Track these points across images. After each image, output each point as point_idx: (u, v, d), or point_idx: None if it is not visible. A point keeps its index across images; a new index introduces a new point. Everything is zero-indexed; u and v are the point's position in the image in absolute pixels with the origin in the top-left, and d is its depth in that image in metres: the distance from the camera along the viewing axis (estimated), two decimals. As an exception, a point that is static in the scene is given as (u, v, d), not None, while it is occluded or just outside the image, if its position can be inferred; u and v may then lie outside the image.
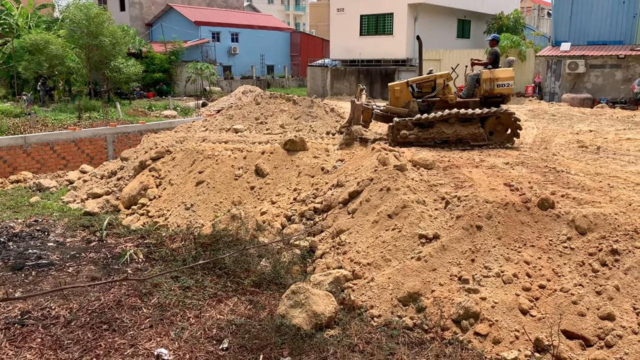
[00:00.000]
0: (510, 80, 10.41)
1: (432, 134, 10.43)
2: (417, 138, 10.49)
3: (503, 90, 10.43)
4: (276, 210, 8.55)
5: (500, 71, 10.50)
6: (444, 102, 10.70)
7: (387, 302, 5.82)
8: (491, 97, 10.51)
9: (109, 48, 26.51)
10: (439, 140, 10.50)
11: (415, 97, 11.02)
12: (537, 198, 6.59)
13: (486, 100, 10.56)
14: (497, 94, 10.48)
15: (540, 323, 5.29)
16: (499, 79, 10.39)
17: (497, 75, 10.41)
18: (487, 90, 10.46)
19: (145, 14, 44.19)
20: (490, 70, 10.50)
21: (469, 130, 10.31)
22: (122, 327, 5.50)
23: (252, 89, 26.98)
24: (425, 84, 11.07)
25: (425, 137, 10.46)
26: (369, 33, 31.04)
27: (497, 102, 10.55)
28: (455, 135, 10.35)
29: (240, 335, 5.29)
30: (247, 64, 44.30)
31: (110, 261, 7.48)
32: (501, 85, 10.39)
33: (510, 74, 10.48)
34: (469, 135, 10.32)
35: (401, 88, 11.14)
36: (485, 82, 10.47)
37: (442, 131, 10.36)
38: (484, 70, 10.61)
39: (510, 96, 10.67)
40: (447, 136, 10.39)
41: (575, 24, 24.60)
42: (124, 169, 11.60)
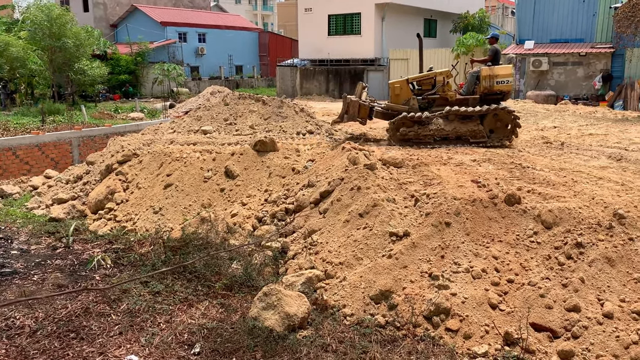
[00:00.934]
0: (509, 77, 10.46)
1: (432, 131, 10.45)
2: (417, 135, 10.52)
3: (502, 87, 10.49)
4: (247, 211, 8.49)
5: (499, 68, 10.58)
6: (444, 100, 10.75)
7: (360, 300, 5.84)
8: (491, 94, 10.56)
9: (72, 50, 25.93)
10: (438, 137, 10.51)
11: (415, 94, 11.04)
12: (503, 194, 6.71)
13: (486, 98, 10.61)
14: (496, 91, 10.54)
15: (510, 317, 5.39)
16: (498, 76, 10.46)
17: (497, 72, 10.49)
18: (486, 87, 10.51)
19: (110, 14, 43.40)
20: (490, 68, 10.57)
21: (468, 128, 10.34)
22: (91, 335, 5.38)
23: (221, 90, 26.75)
24: (425, 82, 11.11)
25: (425, 134, 10.48)
26: (337, 33, 31.15)
27: (496, 99, 10.62)
28: (455, 133, 10.38)
29: (212, 339, 5.23)
30: (215, 65, 43.93)
31: (77, 268, 7.31)
32: (500, 82, 10.45)
33: (509, 70, 10.57)
34: (468, 132, 10.36)
35: (401, 85, 11.18)
36: (484, 79, 10.53)
37: (442, 128, 10.38)
38: (483, 68, 10.68)
39: (510, 93, 10.76)
40: (446, 133, 10.41)
41: (538, 22, 25.17)
42: (90, 173, 11.36)
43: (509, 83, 10.50)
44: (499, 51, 11.08)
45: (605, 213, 6.19)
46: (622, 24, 17.91)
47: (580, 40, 24.34)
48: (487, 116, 10.42)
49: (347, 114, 11.29)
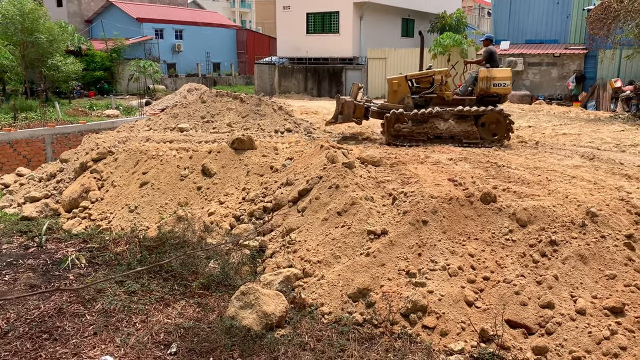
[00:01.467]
0: (507, 80, 10.44)
1: (426, 128, 10.49)
2: (411, 132, 10.56)
3: (499, 90, 10.49)
4: (224, 210, 8.43)
5: (497, 70, 10.58)
6: (441, 99, 10.78)
7: (337, 298, 5.85)
8: (487, 96, 10.57)
9: (45, 45, 25.39)
10: (432, 135, 10.54)
11: (413, 92, 11.07)
12: (479, 192, 6.79)
13: (482, 99, 10.62)
14: (493, 93, 10.54)
15: (485, 314, 5.46)
16: (495, 78, 10.46)
17: (495, 74, 10.49)
18: (483, 88, 10.53)
19: (85, 10, 42.66)
20: (488, 69, 10.58)
21: (462, 128, 10.36)
22: (64, 335, 5.28)
23: (198, 87, 26.51)
24: (423, 80, 11.14)
25: (419, 132, 10.53)
26: (316, 31, 31.14)
27: (493, 101, 10.62)
28: (449, 132, 10.41)
29: (188, 339, 5.18)
30: (192, 62, 43.52)
31: (50, 267, 7.17)
32: (498, 85, 10.45)
33: (508, 73, 10.55)
34: (462, 132, 10.38)
35: (399, 82, 11.19)
36: (482, 80, 10.54)
37: (436, 126, 10.42)
38: (481, 69, 10.70)
39: (507, 96, 10.74)
40: (440, 132, 10.45)
41: (513, 23, 25.53)
42: (64, 171, 11.16)
43: (506, 86, 10.49)
44: (494, 52, 11.09)
45: (578, 211, 6.31)
46: (595, 26, 18.27)
47: (555, 41, 24.77)
48: (482, 117, 10.45)
49: (342, 114, 11.31)
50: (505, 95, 10.72)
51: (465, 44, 26.50)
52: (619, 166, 8.91)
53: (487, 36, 11.73)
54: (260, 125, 13.23)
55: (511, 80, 10.59)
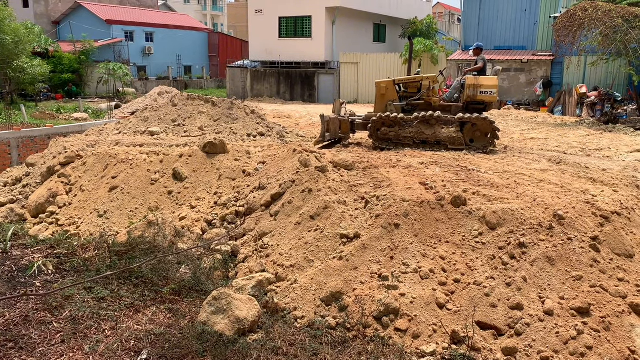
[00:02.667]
0: (493, 88, 10.54)
1: (412, 133, 10.56)
2: (397, 136, 10.64)
3: (485, 98, 10.58)
4: (196, 215, 8.35)
5: (484, 78, 10.67)
6: (428, 105, 10.85)
7: (311, 302, 5.85)
8: (474, 103, 10.67)
9: (10, 47, 24.81)
10: (418, 140, 10.61)
11: (401, 96, 11.15)
12: (450, 196, 6.88)
13: (468, 106, 10.72)
14: (479, 101, 10.64)
15: (456, 316, 5.52)
16: (482, 86, 10.55)
17: (481, 82, 10.59)
18: (469, 96, 10.61)
19: (52, 11, 41.81)
20: (475, 77, 10.69)
21: (448, 133, 10.44)
22: (30, 344, 5.14)
23: (169, 90, 26.22)
24: (411, 84, 11.23)
25: (405, 136, 10.59)
26: (288, 35, 31.15)
27: (479, 108, 10.72)
28: (434, 137, 10.48)
29: (159, 345, 5.11)
30: (163, 65, 43.04)
31: (16, 274, 6.98)
32: (484, 93, 10.53)
33: (495, 82, 10.64)
34: (447, 138, 10.46)
35: (387, 86, 11.26)
36: (469, 88, 10.63)
37: (422, 132, 10.50)
38: (468, 77, 10.80)
39: (493, 104, 10.83)
40: (426, 137, 10.52)
41: (483, 29, 26.00)
42: (30, 176, 10.89)
43: (492, 94, 10.60)
44: (486, 61, 11.23)
45: (546, 214, 6.45)
46: (561, 33, 18.74)
47: (523, 47, 25.32)
48: (467, 124, 10.57)
49: (329, 132, 11.38)
50: (491, 102, 10.87)
51: (435, 50, 26.87)
52: (584, 170, 9.14)
53: (477, 45, 11.84)
54: (232, 129, 13.16)
55: (497, 88, 10.73)
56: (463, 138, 10.53)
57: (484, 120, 10.45)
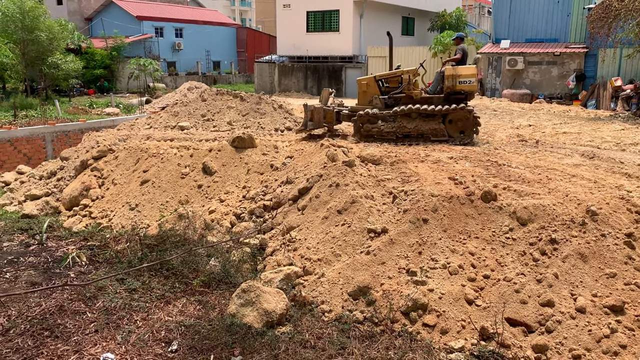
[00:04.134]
0: (472, 78, 10.52)
1: (395, 128, 10.60)
2: (380, 132, 10.68)
3: (465, 87, 10.55)
4: (225, 208, 8.44)
5: (462, 68, 10.64)
6: (409, 98, 10.86)
7: (338, 296, 5.86)
8: (454, 93, 10.64)
9: (45, 43, 25.38)
10: (400, 134, 10.65)
11: (383, 91, 11.18)
12: (480, 191, 6.80)
13: (449, 97, 10.69)
14: (459, 91, 10.61)
15: (485, 312, 5.47)
16: (461, 76, 10.52)
17: (460, 72, 10.56)
18: (449, 86, 10.59)
19: (85, 8, 42.63)
20: (454, 67, 10.64)
21: (429, 126, 10.47)
22: (66, 333, 5.29)
23: (198, 85, 26.50)
24: (392, 79, 11.24)
25: (388, 131, 10.63)
26: (316, 29, 31.12)
27: (460, 99, 10.68)
28: (416, 130, 10.52)
29: (189, 337, 5.20)
30: (192, 60, 43.50)
31: (51, 265, 7.18)
32: (463, 82, 10.50)
33: (473, 71, 10.61)
34: (429, 130, 10.48)
35: (368, 82, 11.33)
36: (447, 78, 10.60)
37: (404, 126, 10.55)
38: (447, 67, 10.77)
39: (473, 93, 10.79)
40: (408, 130, 10.56)
41: (514, 22, 25.51)
42: (64, 169, 11.16)
43: (472, 83, 10.56)
44: (466, 51, 11.21)
45: (578, 210, 6.32)
46: (596, 25, 18.27)
47: (555, 40, 24.77)
48: (449, 115, 10.54)
49: (312, 121, 11.44)
50: (472, 92, 10.82)
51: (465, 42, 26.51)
52: (619, 165, 8.92)
53: (458, 35, 11.81)
54: (260, 124, 13.24)
55: (477, 77, 10.63)
56: (445, 130, 10.52)
57: (462, 110, 10.39)
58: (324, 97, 12.08)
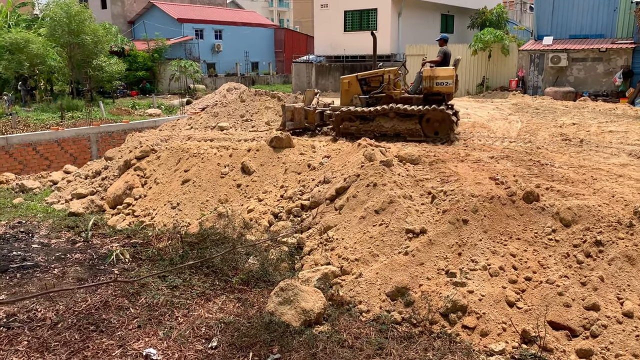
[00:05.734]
0: (449, 79, 10.46)
1: (372, 127, 10.83)
2: (358, 130, 10.90)
3: (442, 89, 10.54)
4: (263, 207, 8.53)
5: (440, 69, 10.61)
6: (389, 98, 10.98)
7: (376, 297, 5.85)
8: (431, 94, 10.67)
9: (90, 46, 26.15)
10: (378, 133, 10.84)
11: (365, 91, 11.35)
12: (522, 191, 6.66)
13: (428, 98, 10.72)
14: (436, 92, 10.63)
15: (527, 315, 5.36)
16: (438, 77, 10.52)
17: (437, 73, 10.55)
18: (426, 87, 10.63)
19: (127, 11, 43.74)
20: (432, 69, 10.66)
21: (406, 126, 10.60)
22: (110, 328, 5.46)
23: (237, 86, 26.84)
24: (373, 79, 11.37)
25: (365, 130, 10.85)
26: (353, 29, 31.05)
27: (438, 100, 10.68)
28: (393, 130, 10.69)
29: (229, 334, 5.28)
30: (231, 61, 44.06)
31: (96, 262, 7.41)
32: (440, 84, 10.49)
33: (450, 72, 10.54)
34: (405, 130, 10.61)
35: (350, 81, 11.53)
36: (425, 79, 10.64)
37: (381, 125, 10.78)
38: (425, 68, 10.80)
39: (451, 95, 10.78)
40: (385, 130, 10.76)
41: (557, 18, 24.83)
42: (108, 169, 11.50)
43: (448, 85, 10.48)
44: (448, 53, 11.16)
45: (625, 211, 6.11)
46: (644, 20, 17.58)
47: (601, 35, 23.97)
48: (425, 116, 10.57)
49: (292, 121, 11.72)
50: (449, 94, 10.74)
51: (506, 40, 25.94)
52: (669, 165, 8.57)
53: (442, 36, 11.72)
54: (297, 124, 13.29)
55: (454, 79, 10.57)
56: (421, 130, 10.56)
57: (437, 111, 10.34)
58: (307, 98, 12.36)
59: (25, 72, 25.53)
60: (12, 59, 24.43)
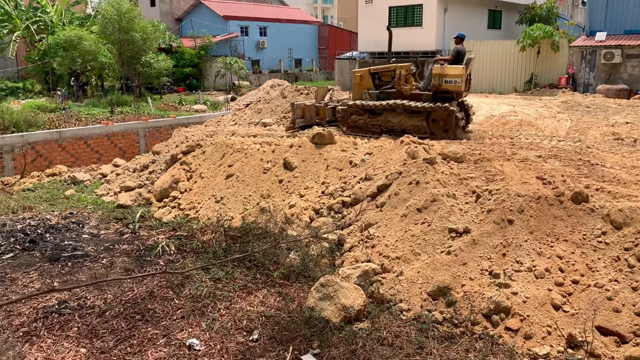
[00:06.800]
0: (458, 78, 10.33)
1: (379, 121, 10.98)
2: (366, 124, 11.09)
3: (450, 87, 10.44)
4: (304, 203, 8.58)
5: (449, 68, 10.49)
6: (399, 93, 11.00)
7: (417, 296, 5.80)
8: (440, 92, 10.56)
9: (140, 43, 26.84)
10: (385, 128, 10.95)
11: (376, 85, 11.43)
12: (570, 192, 6.46)
13: (437, 95, 10.62)
14: (444, 90, 10.51)
15: (574, 319, 5.20)
16: (447, 75, 10.41)
17: (446, 71, 10.44)
18: (435, 85, 10.54)
19: (175, 9, 44.67)
20: (442, 66, 10.56)
21: (412, 122, 10.66)
22: (155, 317, 5.61)
23: (280, 83, 27.03)
24: (386, 74, 11.40)
25: (373, 124, 11.04)
26: (398, 25, 30.75)
27: (447, 98, 10.55)
28: (400, 125, 10.77)
29: (270, 327, 5.34)
30: (275, 58, 44.41)
31: (142, 253, 7.63)
32: (448, 82, 10.39)
33: (459, 71, 10.37)
34: (412, 126, 10.66)
35: (363, 75, 11.65)
36: (434, 77, 10.56)
37: (389, 120, 10.88)
38: (435, 66, 10.70)
39: (461, 93, 10.63)
40: (392, 125, 10.86)
41: (611, 12, 23.90)
42: (155, 163, 11.80)
43: (457, 83, 10.35)
44: (461, 51, 10.94)
45: (681, 214, 5.84)
46: None
47: (658, 31, 22.92)
48: (432, 114, 10.56)
49: (303, 118, 11.98)
50: (458, 92, 10.55)
51: (556, 36, 25.15)
52: None
53: (458, 34, 11.49)
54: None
55: (464, 77, 10.37)
56: (427, 127, 10.56)
57: (442, 110, 10.32)
58: (320, 94, 12.60)
59: (78, 68, 26.46)
60: (66, 56, 25.37)
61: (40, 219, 9.37)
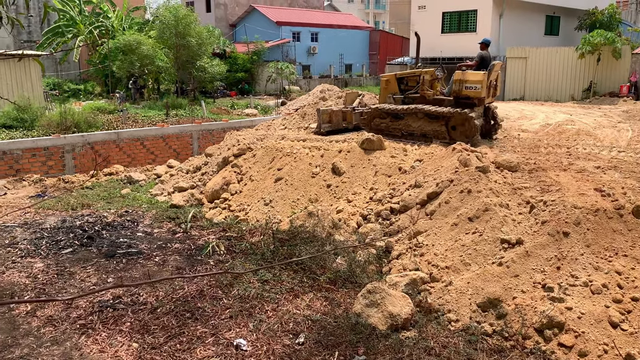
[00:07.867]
0: (478, 84, 10.14)
1: (401, 125, 11.13)
2: (388, 127, 11.27)
3: (470, 93, 10.28)
4: (352, 209, 8.57)
5: (471, 74, 10.31)
6: (423, 98, 11.06)
7: (466, 307, 5.68)
8: (461, 98, 10.41)
9: (195, 48, 27.55)
10: (405, 132, 11.07)
11: (402, 90, 11.56)
12: (631, 205, 6.18)
13: (458, 101, 10.48)
14: (465, 96, 10.35)
15: (633, 338, 4.97)
16: (467, 82, 10.26)
17: (467, 77, 10.28)
18: (456, 90, 10.42)
19: (230, 15, 45.62)
20: (463, 72, 10.39)
21: (432, 127, 10.70)
22: (204, 316, 5.73)
23: (330, 88, 27.10)
24: (411, 78, 11.48)
25: (394, 127, 11.21)
26: (451, 30, 30.37)
27: (469, 103, 10.38)
28: (420, 130, 10.86)
29: (316, 331, 5.35)
30: (325, 63, 44.64)
31: (194, 252, 7.81)
32: (469, 88, 10.25)
33: (480, 77, 10.14)
34: (432, 131, 10.71)
35: (389, 79, 11.78)
36: (455, 83, 10.43)
37: (409, 124, 11.00)
38: (456, 72, 10.54)
39: (483, 99, 10.40)
40: (412, 129, 10.96)
41: (678, 18, 22.78)
42: (208, 165, 12.06)
43: (477, 89, 10.16)
44: (485, 57, 10.67)
45: None
46: None
47: None
48: (452, 118, 10.45)
49: (330, 123, 12.28)
50: (480, 98, 10.28)
51: (618, 42, 24.17)
52: None
53: (484, 40, 11.17)
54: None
55: (484, 84, 10.11)
56: (447, 132, 10.50)
57: (460, 115, 10.23)
58: (349, 99, 12.88)
59: (136, 72, 27.41)
60: (125, 59, 26.35)
61: (97, 216, 9.74)
